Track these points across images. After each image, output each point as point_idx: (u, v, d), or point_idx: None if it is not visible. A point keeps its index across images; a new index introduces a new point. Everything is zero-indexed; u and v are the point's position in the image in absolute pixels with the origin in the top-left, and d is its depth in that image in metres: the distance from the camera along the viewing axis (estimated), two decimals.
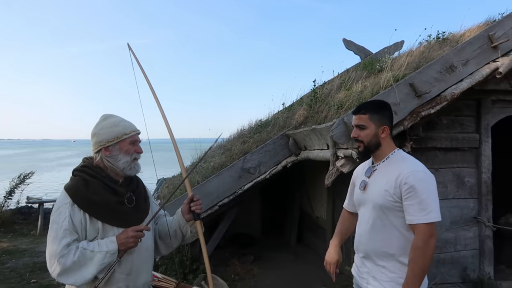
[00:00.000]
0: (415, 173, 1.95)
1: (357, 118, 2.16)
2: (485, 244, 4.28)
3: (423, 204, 1.89)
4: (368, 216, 2.11)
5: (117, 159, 1.92)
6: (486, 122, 4.27)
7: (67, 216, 1.77)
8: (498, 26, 3.88)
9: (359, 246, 2.18)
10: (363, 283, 2.16)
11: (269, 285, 4.90)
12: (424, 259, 1.88)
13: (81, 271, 1.73)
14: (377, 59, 6.05)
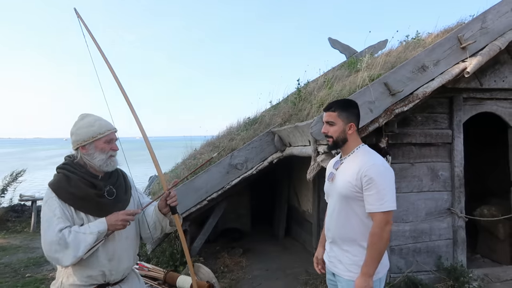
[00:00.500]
0: (374, 166, 2.17)
1: (327, 115, 2.37)
2: (458, 234, 4.52)
3: (380, 195, 2.12)
4: (334, 205, 2.34)
5: (93, 157, 2.08)
6: (458, 119, 4.52)
7: (57, 207, 1.96)
8: (467, 28, 4.12)
9: (328, 233, 2.40)
10: (331, 267, 2.39)
11: (256, 276, 5.13)
12: (380, 244, 2.12)
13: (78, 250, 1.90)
14: (359, 58, 6.29)
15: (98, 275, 2.04)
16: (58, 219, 1.93)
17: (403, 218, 4.41)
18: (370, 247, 2.14)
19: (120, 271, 2.14)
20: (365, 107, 3.85)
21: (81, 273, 2.00)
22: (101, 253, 2.03)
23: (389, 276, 4.28)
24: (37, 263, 6.14)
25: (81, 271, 2.00)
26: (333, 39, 8.08)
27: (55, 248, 1.89)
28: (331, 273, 2.44)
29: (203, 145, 6.88)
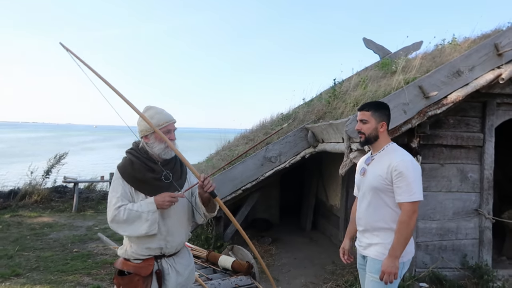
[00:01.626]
0: (403, 162, 2.44)
1: (361, 114, 2.63)
2: (485, 235, 4.66)
3: (409, 187, 2.39)
4: (365, 197, 2.61)
5: (153, 146, 2.35)
6: (490, 123, 4.63)
7: (120, 187, 2.29)
8: (504, 36, 4.23)
9: (360, 221, 2.67)
10: (362, 251, 2.66)
11: (285, 263, 5.43)
12: (407, 230, 2.40)
13: (133, 225, 2.22)
14: (394, 60, 6.42)
15: (156, 248, 2.33)
16: (117, 198, 2.25)
17: (430, 216, 4.59)
18: (398, 232, 2.41)
19: (175, 245, 2.42)
20: (399, 109, 4.05)
21: (142, 245, 2.31)
22: (160, 229, 2.31)
23: (414, 270, 4.49)
24: (82, 240, 6.65)
25: (142, 243, 2.31)
26: (367, 39, 8.20)
27: (113, 221, 2.24)
28: (361, 257, 2.70)
29: (237, 137, 7.21)
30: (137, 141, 2.50)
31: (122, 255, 2.37)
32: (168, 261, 2.40)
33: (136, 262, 2.31)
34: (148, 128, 2.34)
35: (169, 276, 2.38)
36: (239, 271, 3.52)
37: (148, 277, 2.28)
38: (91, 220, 8.22)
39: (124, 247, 2.38)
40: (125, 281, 2.27)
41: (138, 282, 2.25)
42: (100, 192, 10.61)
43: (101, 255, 5.89)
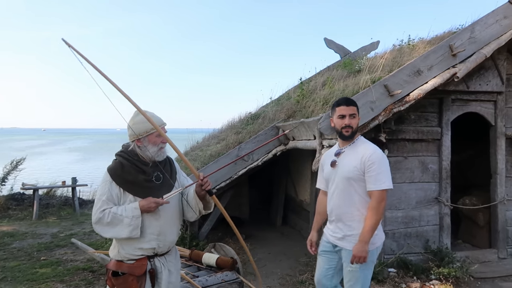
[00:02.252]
0: (375, 154, 2.69)
1: (351, 108, 2.80)
2: (444, 221, 5.07)
3: (379, 176, 2.64)
4: (338, 187, 2.79)
5: (146, 149, 2.40)
6: (446, 118, 5.04)
7: (107, 191, 2.32)
8: (457, 37, 4.63)
9: (333, 211, 2.85)
10: (335, 241, 2.82)
11: (260, 258, 5.58)
12: (377, 217, 2.63)
13: (115, 229, 2.28)
14: (355, 59, 6.77)
15: (149, 248, 2.39)
16: (103, 201, 2.30)
17: (396, 205, 4.93)
18: (368, 219, 2.64)
19: (167, 244, 2.49)
20: (367, 106, 4.32)
21: (135, 245, 2.36)
22: (151, 230, 2.38)
23: (383, 256, 4.81)
24: (48, 248, 6.43)
25: (135, 244, 2.35)
26: (328, 39, 8.52)
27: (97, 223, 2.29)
28: (331, 246, 2.86)
29: (207, 137, 7.27)
30: (126, 144, 2.53)
31: (115, 256, 2.40)
32: (160, 260, 2.46)
33: (130, 263, 2.35)
34: (141, 132, 2.39)
35: (162, 274, 2.44)
36: (223, 267, 3.62)
37: (141, 276, 2.34)
38: (55, 227, 7.93)
39: (116, 249, 2.41)
40: (119, 281, 2.31)
41: (133, 281, 2.30)
42: (61, 198, 10.22)
43: (71, 261, 5.74)
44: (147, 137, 2.40)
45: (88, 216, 9.01)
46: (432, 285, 4.46)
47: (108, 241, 6.34)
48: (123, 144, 2.57)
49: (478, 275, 4.77)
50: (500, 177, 5.24)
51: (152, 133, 2.41)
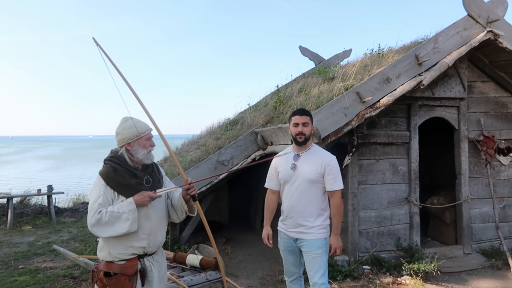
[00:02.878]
0: (333, 159, 3.12)
1: (304, 118, 3.18)
2: (414, 219, 5.39)
3: (337, 178, 3.08)
4: (299, 188, 3.12)
5: (137, 152, 2.55)
6: (414, 122, 5.38)
7: (101, 194, 2.44)
8: (422, 48, 4.97)
9: (293, 209, 3.15)
10: (296, 235, 3.16)
11: (241, 260, 5.74)
12: (341, 212, 3.12)
13: (114, 226, 2.38)
14: (329, 67, 7.07)
15: (139, 247, 2.51)
16: (98, 204, 2.40)
17: (369, 206, 5.20)
18: (336, 214, 3.09)
19: (156, 244, 2.63)
20: (341, 112, 4.59)
21: (126, 244, 2.47)
22: (143, 230, 2.51)
23: (357, 254, 5.06)
24: (26, 256, 6.36)
25: (126, 243, 2.47)
26: (303, 47, 8.83)
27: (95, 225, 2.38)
28: (292, 241, 3.21)
29: (186, 143, 7.37)
30: (115, 149, 2.66)
31: (105, 258, 2.50)
32: (149, 259, 2.59)
33: (121, 263, 2.47)
34: (131, 136, 2.54)
35: (152, 273, 2.58)
36: (207, 267, 3.77)
37: (133, 276, 2.46)
38: (30, 235, 7.82)
39: (106, 250, 2.50)
40: (112, 281, 2.42)
41: (125, 281, 2.42)
42: (36, 206, 10.04)
43: (50, 269, 5.71)
44: (137, 141, 2.55)
45: (65, 224, 8.93)
46: (403, 280, 4.74)
47: (88, 248, 6.34)
48: (112, 150, 2.69)
49: (446, 269, 5.09)
50: (464, 178, 5.61)
51: (142, 137, 2.56)
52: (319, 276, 3.11)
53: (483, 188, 5.74)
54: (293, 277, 3.39)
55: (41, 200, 10.52)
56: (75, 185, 17.62)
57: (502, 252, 5.38)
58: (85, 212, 10.02)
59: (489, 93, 5.87)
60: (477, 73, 5.82)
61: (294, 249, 3.25)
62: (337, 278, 4.68)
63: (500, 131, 5.83)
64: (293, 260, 3.31)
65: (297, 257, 3.29)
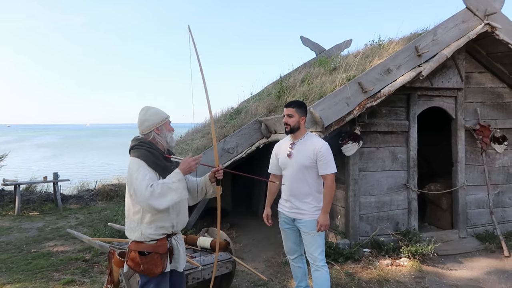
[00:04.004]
0: (325, 145, 3.38)
1: (289, 110, 3.48)
2: (412, 205, 5.62)
3: (329, 163, 3.36)
4: (295, 173, 3.42)
5: (165, 136, 2.76)
6: (413, 112, 5.58)
7: (147, 172, 2.59)
8: (422, 39, 5.14)
9: (290, 192, 3.47)
10: (293, 215, 3.48)
11: (246, 244, 5.98)
12: (332, 193, 3.38)
13: (168, 197, 2.53)
14: (330, 57, 7.23)
15: (169, 226, 2.70)
16: (148, 179, 2.55)
17: (369, 192, 5.43)
18: (327, 195, 3.38)
19: (183, 223, 2.85)
20: (343, 102, 4.78)
21: (157, 224, 2.65)
22: (172, 209, 2.70)
23: (358, 238, 5.30)
24: (37, 241, 6.58)
25: (157, 223, 2.65)
26: (304, 37, 8.97)
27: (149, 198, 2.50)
28: (290, 220, 3.52)
29: (190, 132, 7.56)
30: (140, 137, 2.82)
31: (137, 238, 2.67)
32: (175, 238, 2.81)
33: (152, 243, 2.66)
34: (159, 121, 2.75)
35: (178, 251, 2.80)
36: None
37: (164, 254, 2.67)
38: (39, 221, 8.04)
39: (139, 231, 2.66)
40: (147, 260, 2.60)
41: (157, 259, 2.62)
42: (41, 193, 10.24)
43: (62, 252, 5.94)
44: (164, 125, 2.78)
45: (71, 210, 9.15)
46: (401, 262, 4.99)
47: (97, 233, 6.55)
48: (135, 137, 2.86)
49: (442, 252, 5.35)
50: (460, 165, 5.84)
51: (166, 121, 2.80)
52: (319, 253, 3.45)
53: (478, 175, 5.98)
54: (295, 255, 3.69)
55: (47, 187, 10.72)
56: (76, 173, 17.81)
57: (495, 236, 5.63)
58: (90, 199, 10.26)
59: (485, 84, 6.07)
60: (475, 64, 6.01)
61: (293, 228, 3.56)
62: (339, 260, 4.93)
63: (496, 120, 6.05)
64: (294, 238, 3.61)
65: (297, 235, 3.59)
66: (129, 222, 2.74)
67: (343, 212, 5.42)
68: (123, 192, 10.42)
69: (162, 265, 2.64)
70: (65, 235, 6.82)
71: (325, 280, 3.44)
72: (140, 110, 2.86)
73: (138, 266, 2.63)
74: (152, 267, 2.61)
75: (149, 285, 2.68)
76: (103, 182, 11.58)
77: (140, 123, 2.80)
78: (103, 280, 4.59)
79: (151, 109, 2.82)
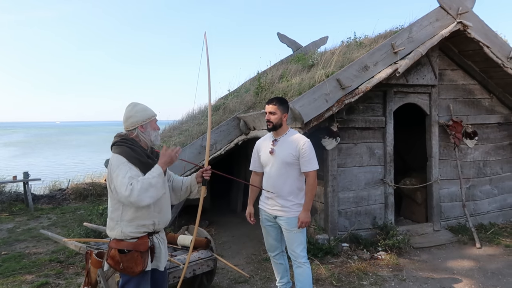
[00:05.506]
0: (307, 143, 3.38)
1: (270, 107, 3.45)
2: (388, 199, 5.73)
3: (311, 160, 3.35)
4: (277, 170, 3.41)
5: (149, 134, 2.70)
6: (390, 108, 5.68)
7: (128, 169, 2.52)
8: (398, 37, 5.24)
9: (272, 189, 3.44)
10: (275, 212, 3.47)
11: (225, 241, 5.95)
12: (313, 190, 3.39)
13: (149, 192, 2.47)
14: (308, 54, 7.26)
15: (150, 224, 2.65)
16: (129, 178, 2.49)
17: (348, 187, 5.50)
18: (309, 192, 3.38)
19: (165, 221, 2.79)
20: (322, 98, 4.81)
21: (138, 223, 2.60)
22: (153, 207, 2.65)
23: (337, 233, 5.36)
24: (7, 243, 6.33)
25: (138, 221, 2.60)
26: (281, 34, 8.98)
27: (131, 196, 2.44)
28: (272, 217, 3.51)
29: (167, 129, 7.44)
30: (123, 133, 2.75)
31: (117, 236, 2.61)
32: (157, 237, 2.75)
33: (132, 241, 2.60)
34: (144, 118, 2.68)
35: (159, 249, 2.74)
36: (198, 247, 3.95)
37: (145, 252, 2.61)
38: (9, 222, 7.74)
39: (119, 229, 2.60)
40: (127, 258, 2.54)
41: (138, 257, 2.56)
42: (11, 193, 9.85)
43: (34, 254, 5.74)
44: (149, 123, 2.71)
45: (43, 210, 8.85)
46: (379, 255, 5.09)
47: (71, 233, 6.37)
48: (118, 134, 2.78)
49: (417, 245, 5.49)
50: (434, 160, 5.99)
51: (152, 120, 2.73)
52: (301, 249, 3.46)
53: (451, 169, 6.16)
54: (276, 251, 3.69)
55: (16, 187, 10.33)
56: (48, 172, 17.25)
57: (468, 228, 5.83)
58: (62, 199, 9.94)
59: (458, 81, 6.25)
60: (447, 61, 6.18)
61: (274, 225, 3.55)
62: (318, 255, 4.97)
63: (468, 116, 6.25)
64: (275, 235, 3.61)
65: (278, 232, 3.59)
66: (109, 220, 2.68)
67: (322, 207, 5.47)
68: (97, 192, 10.16)
69: (143, 264, 2.58)
70: (37, 236, 6.59)
71: (307, 276, 3.46)
72: (127, 106, 2.78)
73: (118, 264, 2.57)
74: (132, 265, 2.55)
75: (129, 285, 2.63)
76: (76, 181, 11.26)
77: (125, 119, 2.72)
78: (79, 282, 4.46)
79: (138, 105, 2.75)
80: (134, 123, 2.68)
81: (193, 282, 3.92)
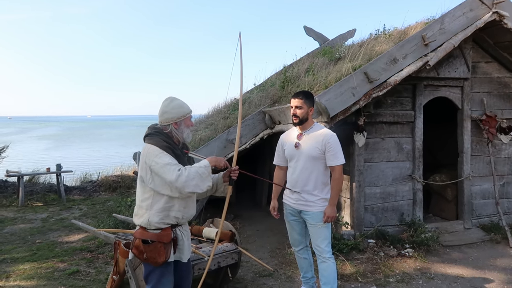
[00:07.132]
0: (333, 137, 3.33)
1: (296, 100, 3.41)
2: (417, 196, 5.59)
3: (338, 154, 3.31)
4: (301, 164, 3.38)
5: (182, 131, 2.72)
6: (419, 102, 5.52)
7: (170, 157, 2.56)
8: (429, 28, 5.07)
9: (297, 184, 3.42)
10: (300, 207, 3.44)
11: (250, 235, 5.98)
12: (340, 185, 3.36)
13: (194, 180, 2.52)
14: (335, 47, 7.14)
15: (175, 217, 2.69)
16: (175, 164, 2.54)
17: (374, 182, 5.40)
18: (334, 187, 3.35)
19: (188, 216, 2.81)
20: (349, 92, 4.72)
21: (164, 214, 2.65)
22: (179, 202, 2.69)
23: (363, 229, 5.29)
24: (41, 232, 6.59)
25: (164, 213, 2.65)
26: (308, 27, 8.86)
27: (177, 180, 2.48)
28: (296, 212, 3.49)
29: (194, 123, 7.51)
30: (156, 126, 2.78)
31: (142, 223, 2.66)
32: (180, 229, 2.79)
33: (156, 232, 2.65)
34: (179, 116, 2.70)
35: (182, 241, 2.79)
36: (223, 239, 3.98)
37: (168, 243, 2.66)
38: (43, 212, 8.06)
39: (146, 217, 2.64)
40: (150, 248, 2.60)
41: (161, 248, 2.61)
42: (45, 184, 10.25)
43: (67, 243, 5.95)
44: (184, 120, 2.73)
45: (75, 201, 9.16)
46: (406, 252, 4.98)
47: (101, 224, 6.57)
48: (152, 125, 2.82)
49: (447, 243, 5.34)
50: (466, 156, 5.79)
51: (187, 117, 2.74)
52: (325, 244, 3.43)
53: (484, 166, 5.94)
54: (300, 246, 3.67)
55: (50, 179, 10.74)
56: (79, 164, 17.81)
57: (501, 227, 5.62)
58: (93, 191, 10.26)
59: (492, 74, 6.00)
60: (481, 53, 5.93)
61: (298, 219, 3.53)
62: (344, 250, 4.92)
63: (502, 110, 5.99)
64: (299, 230, 3.59)
65: (302, 227, 3.57)
66: (137, 208, 2.74)
67: (348, 203, 5.40)
68: (126, 184, 10.43)
69: (165, 255, 2.63)
70: (69, 226, 6.83)
71: (332, 271, 3.43)
72: (164, 100, 2.81)
73: (142, 254, 2.64)
74: (155, 255, 2.60)
75: (153, 275, 2.69)
76: (106, 173, 11.58)
77: (160, 113, 2.75)
78: (108, 271, 4.60)
79: (175, 101, 2.76)
80: (168, 119, 2.70)
81: (217, 275, 3.96)
